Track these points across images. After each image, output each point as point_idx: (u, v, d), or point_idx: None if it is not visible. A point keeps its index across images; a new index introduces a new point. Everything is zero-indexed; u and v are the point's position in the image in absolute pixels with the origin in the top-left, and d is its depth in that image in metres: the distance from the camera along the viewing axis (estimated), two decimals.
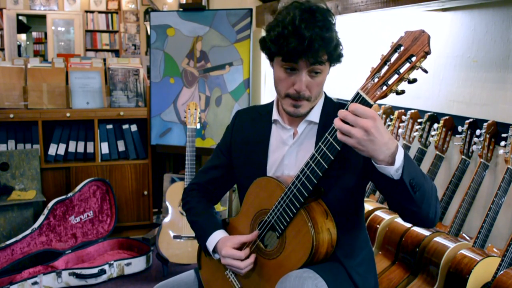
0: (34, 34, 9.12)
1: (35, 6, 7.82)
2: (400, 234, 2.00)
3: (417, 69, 1.07)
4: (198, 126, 2.98)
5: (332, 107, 1.40)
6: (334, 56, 1.30)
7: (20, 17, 8.07)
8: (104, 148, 3.51)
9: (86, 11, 8.09)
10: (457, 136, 2.02)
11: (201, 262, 1.58)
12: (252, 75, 3.17)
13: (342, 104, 1.41)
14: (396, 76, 1.09)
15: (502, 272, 1.60)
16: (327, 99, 1.42)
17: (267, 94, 3.46)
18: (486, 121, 1.88)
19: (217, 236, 1.45)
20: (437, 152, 2.05)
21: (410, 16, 2.33)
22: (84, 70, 3.52)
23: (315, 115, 1.39)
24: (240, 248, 1.38)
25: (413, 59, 1.07)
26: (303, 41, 1.21)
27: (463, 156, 1.95)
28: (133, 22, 8.13)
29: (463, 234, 1.92)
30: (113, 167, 3.48)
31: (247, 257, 1.36)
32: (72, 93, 3.47)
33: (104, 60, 3.67)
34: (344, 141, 1.10)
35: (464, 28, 2.03)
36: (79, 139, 3.49)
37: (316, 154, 1.20)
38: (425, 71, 1.08)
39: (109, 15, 8.23)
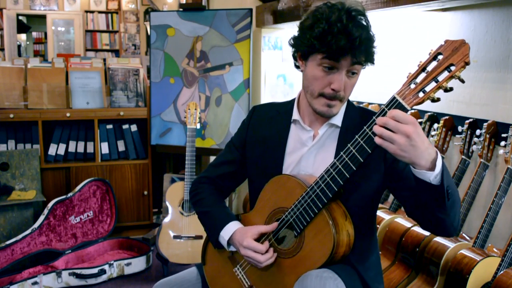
0: (34, 34, 9.13)
1: (35, 6, 7.82)
2: (400, 234, 2.00)
3: (455, 78, 1.09)
4: (198, 126, 2.98)
5: (354, 111, 1.39)
6: (372, 57, 1.30)
7: (20, 17, 8.07)
8: (104, 148, 3.51)
9: (86, 11, 8.10)
10: (457, 136, 2.02)
11: (205, 257, 1.54)
12: (252, 75, 3.17)
13: (364, 109, 1.43)
14: (433, 84, 1.10)
15: (502, 272, 1.60)
16: (349, 103, 1.42)
17: (267, 94, 3.46)
18: (486, 121, 1.88)
19: (233, 227, 1.41)
20: None
21: (410, 16, 2.33)
22: (84, 70, 3.52)
23: (338, 118, 1.38)
24: (259, 239, 1.36)
25: (453, 68, 1.08)
26: (353, 40, 1.21)
27: (463, 156, 1.95)
28: (133, 22, 8.13)
29: (463, 234, 1.92)
30: (113, 167, 3.48)
31: (267, 251, 1.34)
32: (72, 93, 3.47)
33: (104, 60, 3.67)
34: (385, 147, 1.10)
35: (464, 28, 2.03)
36: (79, 139, 3.49)
37: (344, 156, 1.19)
38: (462, 81, 1.09)
39: (109, 15, 8.23)
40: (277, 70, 3.44)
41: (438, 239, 1.85)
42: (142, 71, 3.68)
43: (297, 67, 1.43)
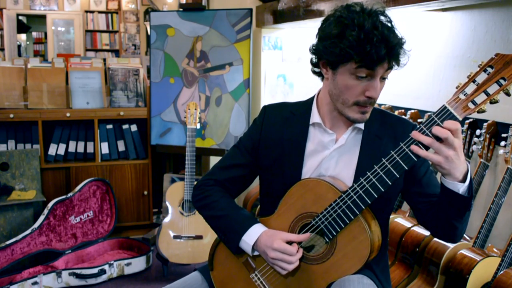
0: (34, 34, 9.12)
1: (35, 6, 7.82)
2: (400, 234, 2.00)
3: (505, 91, 1.10)
4: (198, 126, 2.98)
5: (374, 114, 1.36)
6: (402, 60, 1.26)
7: (20, 17, 8.07)
8: (104, 148, 3.51)
9: (86, 11, 8.09)
10: None
11: (214, 263, 1.46)
12: (252, 75, 3.17)
13: (381, 111, 1.41)
14: (483, 96, 1.12)
15: (502, 272, 1.60)
16: None
17: (267, 94, 3.46)
18: (486, 121, 1.88)
19: (258, 230, 1.34)
20: None
21: (410, 16, 2.33)
22: (84, 70, 3.52)
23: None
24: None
25: (503, 82, 1.10)
26: (392, 47, 1.19)
27: None
28: (133, 22, 8.13)
29: (463, 234, 1.92)
30: (113, 167, 3.48)
31: (298, 252, 1.30)
32: (72, 93, 3.47)
33: (104, 60, 3.67)
34: (430, 158, 1.12)
35: (464, 28, 2.03)
36: (79, 139, 3.49)
37: (387, 163, 1.18)
38: (508, 94, 1.11)
39: (109, 15, 8.23)
40: (277, 70, 3.44)
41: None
42: (142, 71, 3.67)
43: (318, 74, 1.38)
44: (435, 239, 1.86)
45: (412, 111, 2.21)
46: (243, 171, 1.46)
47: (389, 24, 1.22)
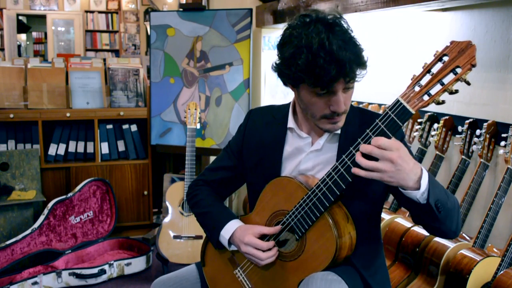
0: (34, 34, 9.12)
1: (35, 6, 7.82)
2: (400, 234, 2.00)
3: (461, 81, 1.06)
4: (198, 126, 2.98)
5: (353, 114, 1.35)
6: (365, 65, 1.22)
7: (20, 17, 8.07)
8: (104, 148, 3.51)
9: (86, 11, 8.09)
10: (457, 136, 2.02)
11: (205, 259, 1.53)
12: (252, 75, 3.17)
13: (363, 110, 1.39)
14: (439, 87, 1.08)
15: (502, 272, 1.60)
16: None
17: (267, 94, 3.46)
18: (486, 121, 1.88)
19: (234, 225, 1.40)
20: (437, 152, 2.05)
21: (410, 16, 2.33)
22: (84, 70, 3.52)
23: None
24: (261, 239, 1.34)
25: (458, 70, 1.06)
26: (343, 66, 1.13)
27: (463, 156, 1.95)
28: (133, 22, 8.13)
29: (463, 234, 1.92)
30: (113, 167, 3.48)
31: (269, 249, 1.32)
32: (72, 93, 3.47)
33: (104, 60, 3.67)
34: (370, 177, 1.10)
35: (464, 28, 2.03)
36: (79, 139, 3.49)
37: (346, 159, 1.18)
38: (468, 83, 1.07)
39: (109, 15, 8.23)
40: None
41: (438, 239, 1.85)
42: (142, 71, 3.67)
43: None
44: (435, 239, 1.86)
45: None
46: (230, 173, 1.52)
47: (343, 36, 1.16)
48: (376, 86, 2.57)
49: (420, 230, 1.96)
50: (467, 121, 1.95)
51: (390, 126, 1.11)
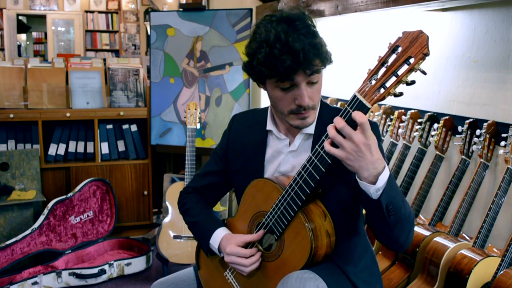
0: (34, 34, 9.12)
1: (35, 6, 7.82)
2: None
3: (415, 71, 1.05)
4: (198, 126, 2.98)
5: (328, 113, 1.36)
6: (327, 59, 1.25)
7: (20, 17, 8.07)
8: (104, 148, 3.51)
9: (86, 11, 8.09)
10: (457, 136, 2.02)
11: (199, 262, 1.57)
12: None
13: (338, 109, 1.38)
14: (394, 79, 1.07)
15: (502, 272, 1.60)
16: (323, 106, 1.38)
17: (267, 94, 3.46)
18: (486, 121, 1.88)
19: (221, 233, 1.44)
20: (437, 152, 2.05)
21: (410, 16, 2.33)
22: (84, 70, 3.52)
23: (311, 127, 1.36)
24: (244, 247, 1.37)
25: (412, 60, 1.04)
26: (297, 55, 1.16)
27: (463, 156, 1.95)
28: (133, 22, 8.13)
29: (463, 234, 1.92)
30: (113, 167, 3.48)
31: (252, 255, 1.35)
32: (72, 93, 3.47)
33: (104, 60, 3.67)
34: (332, 153, 1.10)
35: (464, 28, 2.03)
36: (79, 139, 3.49)
37: (314, 158, 1.19)
38: (424, 73, 1.06)
39: (109, 15, 8.23)
40: None
41: (438, 239, 1.85)
42: (142, 71, 3.68)
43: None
44: (435, 239, 1.86)
45: (412, 111, 2.21)
46: (218, 178, 1.55)
47: (302, 30, 1.18)
48: None
49: (420, 230, 1.96)
50: (467, 121, 1.95)
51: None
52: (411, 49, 1.05)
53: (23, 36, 9.10)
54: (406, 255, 1.96)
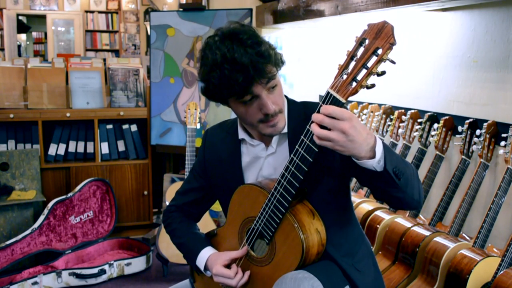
0: (34, 34, 9.12)
1: (35, 6, 7.82)
2: (400, 234, 2.00)
3: (384, 61, 1.05)
4: (198, 126, 2.98)
5: (296, 109, 1.37)
6: (279, 63, 1.26)
7: (20, 17, 8.07)
8: (104, 148, 3.51)
9: (86, 11, 8.09)
10: (457, 136, 2.02)
11: (194, 276, 1.56)
12: None
13: (306, 103, 1.39)
14: (364, 71, 1.07)
15: (502, 272, 1.60)
16: (290, 103, 1.39)
17: None
18: (486, 121, 1.88)
19: (206, 254, 1.44)
20: (437, 152, 2.05)
21: (410, 16, 2.33)
22: (84, 70, 3.52)
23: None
24: (230, 264, 1.38)
25: (380, 51, 1.05)
26: (247, 70, 1.17)
27: (463, 156, 1.95)
28: (133, 22, 8.13)
29: (463, 234, 1.92)
30: (113, 167, 3.48)
31: (237, 272, 1.36)
32: (72, 93, 3.47)
33: (104, 60, 3.67)
34: (324, 145, 1.10)
35: (464, 28, 2.03)
36: (79, 139, 3.49)
37: (295, 158, 1.19)
38: (393, 62, 1.06)
39: (109, 15, 8.23)
40: None
41: (438, 239, 1.85)
42: (142, 71, 3.68)
43: None
44: (435, 239, 1.86)
45: (412, 111, 2.21)
46: (199, 194, 1.56)
47: (246, 41, 1.19)
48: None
49: (420, 230, 1.96)
50: (467, 121, 1.95)
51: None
52: (378, 41, 1.05)
53: (23, 36, 9.10)
54: (406, 255, 1.96)
